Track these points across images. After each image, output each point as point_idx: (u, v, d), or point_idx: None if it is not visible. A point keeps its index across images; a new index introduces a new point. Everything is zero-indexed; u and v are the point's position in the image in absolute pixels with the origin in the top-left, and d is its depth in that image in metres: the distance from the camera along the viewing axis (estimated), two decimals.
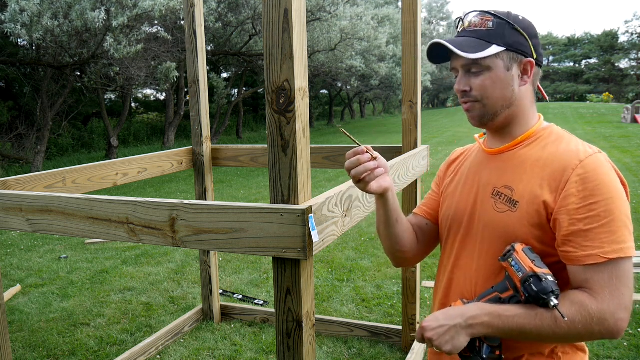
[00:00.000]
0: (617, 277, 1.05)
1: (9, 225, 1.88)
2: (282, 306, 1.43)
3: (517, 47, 1.16)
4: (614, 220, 1.06)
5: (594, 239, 1.06)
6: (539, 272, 1.06)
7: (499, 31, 1.17)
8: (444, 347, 1.11)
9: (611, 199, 1.06)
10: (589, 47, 53.97)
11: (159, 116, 21.07)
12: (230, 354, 3.10)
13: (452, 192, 1.34)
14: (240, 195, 8.24)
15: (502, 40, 1.16)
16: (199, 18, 3.05)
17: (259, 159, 3.22)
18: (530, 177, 1.15)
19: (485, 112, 1.20)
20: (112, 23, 7.62)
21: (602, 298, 1.05)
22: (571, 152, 1.13)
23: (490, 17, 1.18)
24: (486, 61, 1.16)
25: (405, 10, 2.65)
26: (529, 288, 1.06)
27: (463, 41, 1.18)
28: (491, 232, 1.20)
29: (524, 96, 1.20)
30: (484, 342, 1.14)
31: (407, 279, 2.95)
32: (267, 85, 1.36)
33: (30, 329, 3.52)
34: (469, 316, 1.11)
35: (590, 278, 1.06)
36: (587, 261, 1.06)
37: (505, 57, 1.16)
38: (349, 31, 12.87)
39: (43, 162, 10.14)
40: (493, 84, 1.17)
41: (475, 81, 1.18)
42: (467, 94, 1.20)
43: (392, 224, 1.30)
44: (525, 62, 1.18)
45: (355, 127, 24.88)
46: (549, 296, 1.04)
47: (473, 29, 1.19)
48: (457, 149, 1.48)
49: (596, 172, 1.08)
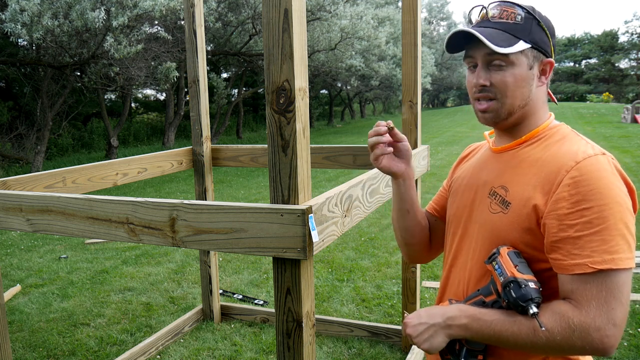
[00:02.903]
0: (607, 289, 0.97)
1: (9, 225, 1.88)
2: (282, 306, 1.43)
3: (541, 46, 1.11)
4: (608, 229, 0.97)
5: (584, 247, 0.98)
6: (519, 277, 1.02)
7: (527, 26, 1.10)
8: (422, 345, 1.10)
9: (606, 205, 0.98)
10: (589, 47, 53.95)
11: (159, 116, 21.07)
12: (230, 354, 3.10)
13: (457, 188, 1.32)
14: (240, 195, 8.24)
15: (529, 37, 1.10)
16: (199, 18, 3.05)
17: (259, 159, 3.22)
18: (526, 178, 1.10)
19: (501, 112, 1.13)
20: (112, 23, 7.62)
21: (587, 311, 0.97)
22: (569, 153, 1.06)
23: (519, 10, 1.11)
24: (511, 57, 1.09)
25: (405, 10, 2.65)
26: (509, 294, 1.02)
27: (492, 32, 1.09)
28: (484, 233, 1.17)
29: (538, 97, 1.15)
30: (464, 346, 1.11)
31: (407, 279, 2.94)
32: (267, 85, 1.36)
33: (30, 329, 3.52)
34: (448, 316, 1.10)
35: (577, 289, 0.99)
36: (575, 270, 0.99)
37: (530, 55, 1.10)
38: (349, 30, 12.87)
39: (43, 162, 10.14)
40: (515, 81, 1.10)
41: (496, 76, 1.11)
42: (485, 89, 1.13)
43: (403, 214, 1.32)
44: (546, 62, 1.13)
45: (355, 127, 24.88)
46: (527, 304, 1.00)
47: (498, 21, 1.11)
48: (472, 144, 1.44)
49: (591, 175, 1.00)
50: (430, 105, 52.80)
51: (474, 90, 1.16)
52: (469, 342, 1.11)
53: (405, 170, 1.26)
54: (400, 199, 1.31)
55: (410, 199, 1.30)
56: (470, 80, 1.17)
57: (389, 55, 18.90)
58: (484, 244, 1.16)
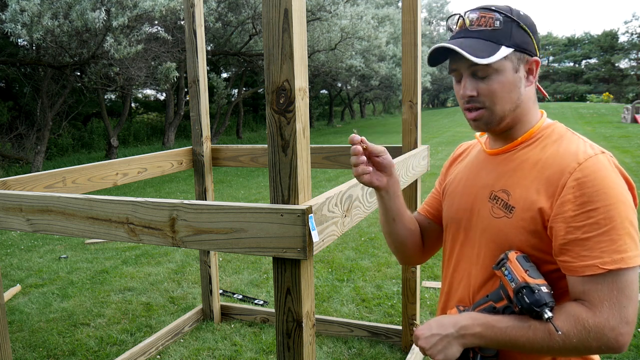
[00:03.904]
0: (618, 289, 0.98)
1: (9, 225, 1.88)
2: (282, 306, 1.43)
3: (524, 47, 1.09)
4: (615, 228, 0.98)
5: (593, 248, 0.99)
6: (531, 282, 1.02)
7: (506, 30, 1.08)
8: (437, 356, 1.09)
9: (612, 204, 0.99)
10: (589, 47, 53.96)
11: (159, 116, 21.07)
12: (230, 354, 3.10)
13: (453, 191, 1.31)
14: (240, 195, 8.24)
15: (510, 41, 1.08)
16: (199, 18, 3.05)
17: (259, 159, 3.22)
18: (528, 181, 1.09)
19: (492, 118, 1.13)
20: (112, 23, 7.62)
21: (601, 311, 0.98)
22: (570, 154, 1.05)
23: (495, 14, 1.09)
24: (495, 65, 1.08)
25: (405, 10, 2.65)
26: (522, 299, 1.02)
27: (472, 43, 1.08)
28: (488, 238, 1.16)
29: (528, 97, 1.14)
30: (478, 353, 1.11)
31: (407, 279, 2.94)
32: (267, 85, 1.36)
33: (30, 329, 3.52)
34: (461, 326, 1.09)
35: (589, 290, 1.00)
36: (585, 272, 0.99)
37: (514, 59, 1.09)
38: (349, 30, 12.87)
39: (43, 162, 10.14)
40: (502, 87, 1.09)
41: (482, 86, 1.10)
42: (473, 99, 1.12)
43: (389, 222, 1.31)
44: (532, 62, 1.11)
45: (355, 127, 24.89)
46: (542, 309, 1.00)
47: (477, 29, 1.10)
48: (463, 143, 1.42)
49: (595, 176, 1.00)
50: (430, 105, 52.81)
51: (462, 100, 1.15)
52: (481, 349, 1.10)
53: (387, 183, 1.24)
54: (385, 210, 1.30)
55: (396, 209, 1.29)
56: (458, 92, 1.16)
57: (389, 55, 18.90)
58: (489, 248, 1.15)
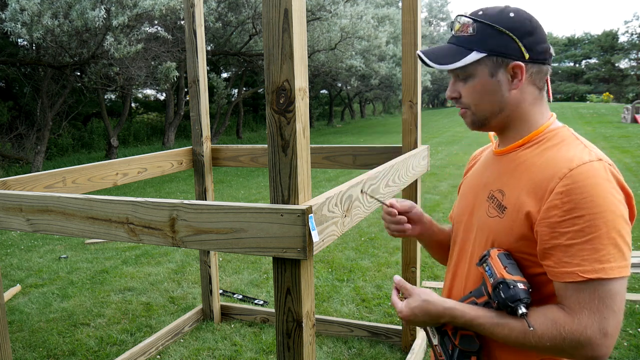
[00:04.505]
0: (599, 298, 0.97)
1: (9, 225, 1.88)
2: (282, 306, 1.43)
3: (500, 51, 1.10)
4: (599, 237, 0.96)
5: (575, 256, 0.98)
6: (508, 279, 1.03)
7: (479, 36, 1.11)
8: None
9: (599, 213, 0.97)
10: (589, 47, 53.99)
11: (159, 116, 21.06)
12: (230, 354, 3.10)
13: (462, 192, 1.34)
14: (240, 195, 8.24)
15: (483, 46, 1.10)
16: (199, 18, 3.04)
17: (259, 159, 3.22)
18: (521, 183, 1.09)
19: (475, 118, 1.18)
20: (112, 22, 7.62)
21: (579, 319, 0.98)
22: (564, 159, 1.04)
23: (471, 22, 1.13)
24: (468, 69, 1.12)
25: (405, 10, 2.65)
26: (498, 295, 1.04)
27: (444, 49, 1.16)
28: (481, 237, 1.17)
29: (520, 99, 1.13)
30: (457, 347, 1.12)
31: (407, 279, 2.94)
32: (267, 85, 1.36)
33: (30, 329, 3.52)
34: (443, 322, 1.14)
35: (570, 296, 1.00)
36: (566, 278, 0.99)
37: (489, 63, 1.11)
38: (349, 30, 12.86)
39: (43, 162, 10.14)
40: (475, 91, 1.14)
41: (462, 88, 1.16)
42: (457, 100, 1.19)
43: (425, 244, 1.48)
44: (514, 66, 1.10)
45: (355, 127, 24.88)
46: (516, 304, 1.01)
47: (459, 34, 1.15)
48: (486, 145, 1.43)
49: (585, 183, 0.98)
50: (430, 105, 52.78)
51: None
52: (462, 344, 1.12)
53: (420, 230, 1.40)
54: (425, 245, 1.47)
55: (432, 236, 1.43)
56: (446, 94, 1.24)
57: (389, 55, 18.90)
58: (482, 247, 1.16)
